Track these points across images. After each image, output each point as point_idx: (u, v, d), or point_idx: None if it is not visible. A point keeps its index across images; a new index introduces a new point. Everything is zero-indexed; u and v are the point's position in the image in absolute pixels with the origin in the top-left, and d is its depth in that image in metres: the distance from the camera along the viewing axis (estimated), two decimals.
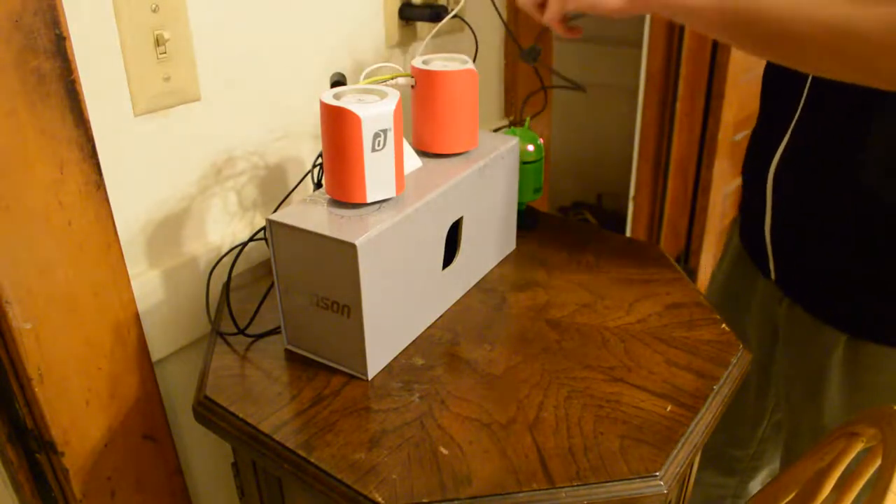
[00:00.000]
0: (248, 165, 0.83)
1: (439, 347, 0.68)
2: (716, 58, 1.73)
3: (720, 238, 2.23)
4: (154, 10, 0.68)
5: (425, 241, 0.67)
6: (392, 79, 0.70)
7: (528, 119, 0.91)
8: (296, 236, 0.61)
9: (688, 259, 2.10)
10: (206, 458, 0.88)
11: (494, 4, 0.97)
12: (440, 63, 0.72)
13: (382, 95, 0.62)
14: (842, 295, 0.75)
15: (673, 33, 1.77)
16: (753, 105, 0.86)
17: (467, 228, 0.73)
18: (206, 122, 0.77)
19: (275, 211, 0.64)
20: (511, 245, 0.85)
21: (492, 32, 1.14)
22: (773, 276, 0.83)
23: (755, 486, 1.07)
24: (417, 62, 0.72)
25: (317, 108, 0.88)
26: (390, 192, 0.64)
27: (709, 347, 0.67)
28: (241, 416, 0.60)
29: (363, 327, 0.61)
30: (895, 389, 0.73)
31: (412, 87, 0.72)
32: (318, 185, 0.77)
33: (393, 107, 0.61)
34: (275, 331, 0.70)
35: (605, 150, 2.44)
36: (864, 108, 0.67)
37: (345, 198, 0.63)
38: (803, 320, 0.80)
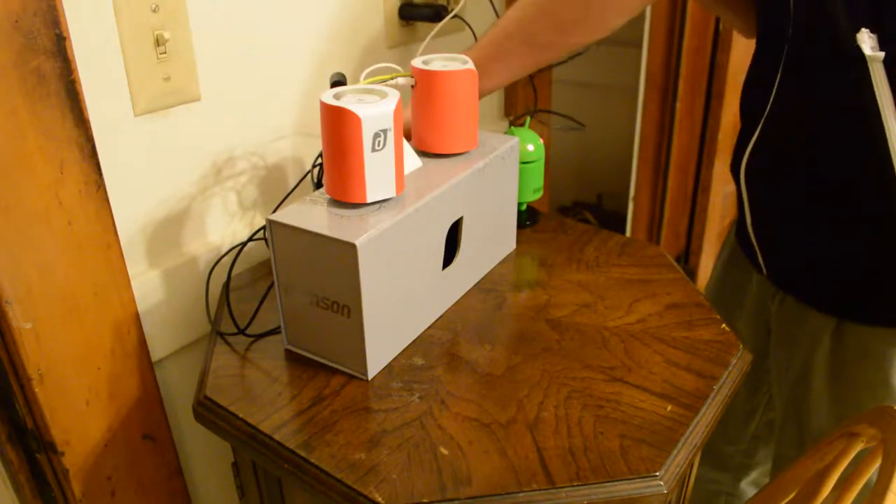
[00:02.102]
0: (248, 165, 0.83)
1: (439, 347, 0.68)
2: (716, 58, 1.73)
3: (720, 238, 2.23)
4: (154, 10, 0.68)
5: (425, 241, 0.67)
6: (392, 79, 0.70)
7: (528, 119, 0.91)
8: (296, 236, 0.61)
9: (688, 259, 2.10)
10: (206, 458, 0.88)
11: (493, 4, 0.97)
12: (440, 63, 0.72)
13: (382, 95, 0.62)
14: (827, 278, 0.76)
15: (673, 33, 1.77)
16: None
17: (467, 228, 0.73)
18: (206, 122, 0.77)
19: (274, 211, 0.64)
20: (511, 245, 0.85)
21: None
22: (763, 270, 0.84)
23: (746, 485, 1.08)
24: (417, 62, 0.72)
25: (317, 108, 0.88)
26: (390, 192, 0.64)
27: (709, 347, 0.67)
28: (241, 416, 0.60)
29: (363, 327, 0.61)
30: (876, 384, 0.74)
31: (412, 87, 0.72)
32: (318, 186, 0.77)
33: (393, 107, 0.61)
34: (275, 331, 0.70)
35: (605, 150, 2.44)
36: (823, 99, 0.69)
37: (345, 198, 0.63)
38: (793, 314, 0.81)
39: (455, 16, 0.83)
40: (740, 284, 0.92)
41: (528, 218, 0.91)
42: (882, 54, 0.61)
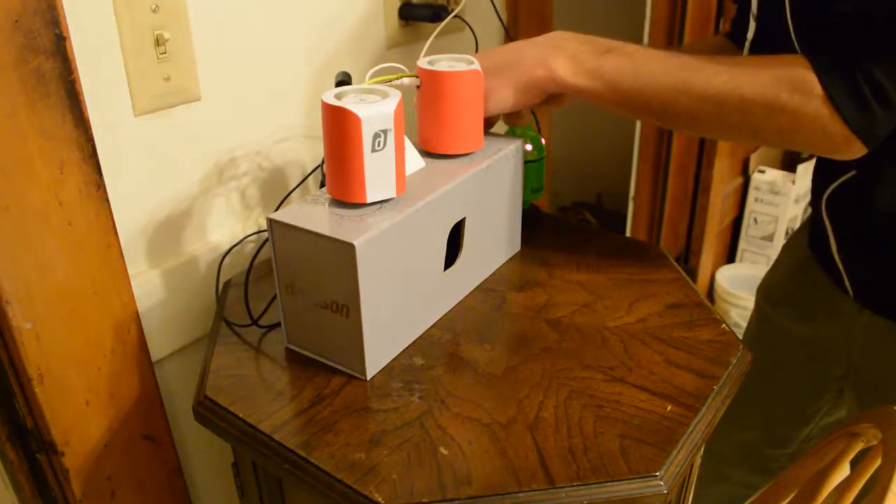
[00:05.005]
0: (249, 165, 0.83)
1: (439, 347, 0.68)
2: None
3: (720, 238, 2.23)
4: (154, 10, 0.68)
5: (426, 242, 0.67)
6: (398, 79, 0.70)
7: (532, 118, 0.90)
8: (296, 235, 0.61)
9: (688, 259, 2.10)
10: (206, 458, 0.88)
11: (494, 4, 0.97)
12: (446, 63, 0.72)
13: (384, 95, 0.62)
14: None
15: (672, 33, 1.77)
16: None
17: (470, 230, 0.73)
18: (207, 122, 0.77)
19: (276, 210, 0.64)
20: (516, 247, 0.85)
21: (492, 33, 1.14)
22: (850, 292, 0.83)
23: None
24: (423, 62, 0.72)
25: (317, 108, 0.88)
26: (390, 192, 0.64)
27: (709, 347, 0.67)
28: (241, 416, 0.60)
29: (361, 328, 0.61)
30: None
31: (417, 87, 0.72)
32: (323, 184, 0.77)
33: (393, 107, 0.61)
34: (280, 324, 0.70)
35: (605, 150, 2.44)
36: None
37: (345, 198, 0.63)
38: (886, 329, 0.80)
39: (455, 16, 0.83)
40: (816, 292, 0.90)
41: (530, 217, 0.90)
42: None
